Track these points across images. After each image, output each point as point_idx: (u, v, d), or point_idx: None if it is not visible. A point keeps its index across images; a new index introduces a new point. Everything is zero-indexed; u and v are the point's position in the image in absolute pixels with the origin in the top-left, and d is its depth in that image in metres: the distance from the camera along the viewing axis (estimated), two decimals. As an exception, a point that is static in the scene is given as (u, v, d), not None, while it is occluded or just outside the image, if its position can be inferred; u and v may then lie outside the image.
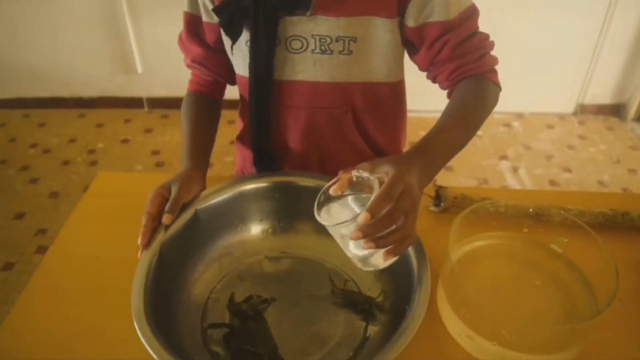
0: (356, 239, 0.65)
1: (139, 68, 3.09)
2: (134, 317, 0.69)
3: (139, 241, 0.80)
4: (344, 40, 0.93)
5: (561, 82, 3.05)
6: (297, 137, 1.07)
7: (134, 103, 3.24)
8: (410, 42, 0.96)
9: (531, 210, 0.89)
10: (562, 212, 0.88)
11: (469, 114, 0.89)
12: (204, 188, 0.93)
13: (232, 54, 1.01)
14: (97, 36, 3.00)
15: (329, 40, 0.93)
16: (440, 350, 0.78)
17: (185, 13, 1.03)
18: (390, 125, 1.12)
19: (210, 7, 0.97)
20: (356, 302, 0.84)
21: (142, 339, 0.67)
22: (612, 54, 2.93)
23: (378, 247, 0.66)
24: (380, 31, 0.93)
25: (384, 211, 0.65)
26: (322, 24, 0.91)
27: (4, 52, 3.08)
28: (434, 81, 1.00)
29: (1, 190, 2.64)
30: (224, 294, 0.87)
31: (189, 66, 1.11)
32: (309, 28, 0.92)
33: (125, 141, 3.00)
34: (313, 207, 0.80)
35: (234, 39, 0.95)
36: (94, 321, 0.84)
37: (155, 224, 0.83)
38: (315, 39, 0.93)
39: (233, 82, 1.11)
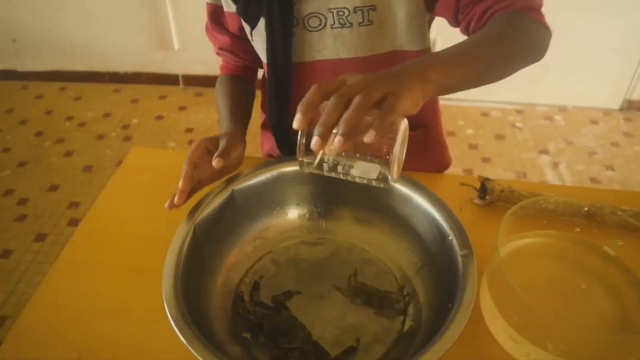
0: (318, 146, 0.57)
1: (176, 44, 3.07)
2: (164, 300, 0.67)
3: (180, 184, 0.78)
4: (363, 11, 0.88)
5: (608, 76, 2.92)
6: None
7: (169, 79, 3.23)
8: None
9: (586, 209, 0.84)
10: (619, 212, 0.82)
11: (487, 40, 0.75)
12: (244, 149, 0.92)
13: (252, 39, 0.99)
14: (134, 11, 2.99)
15: (346, 12, 0.89)
16: (478, 351, 0.74)
17: (208, 4, 1.03)
18: None
19: None
20: (371, 297, 0.81)
21: (172, 324, 0.64)
22: (664, 49, 2.79)
23: (347, 131, 0.55)
24: None
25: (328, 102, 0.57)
26: None
27: (42, 25, 3.09)
28: (466, 32, 0.87)
29: (36, 161, 2.67)
30: (257, 278, 0.84)
31: (218, 54, 1.12)
32: (325, 2, 0.89)
33: (159, 117, 3.00)
34: (354, 193, 0.76)
35: (252, 24, 0.94)
36: (123, 300, 0.82)
37: (194, 173, 0.80)
38: (332, 12, 0.89)
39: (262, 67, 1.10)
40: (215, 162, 0.80)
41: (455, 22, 0.89)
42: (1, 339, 0.77)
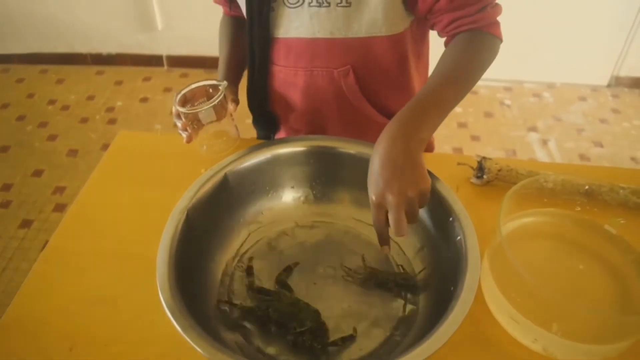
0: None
1: (159, 24, 3.00)
2: (159, 288, 0.65)
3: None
4: None
5: (596, 52, 2.92)
6: (297, 99, 1.03)
7: (153, 61, 3.16)
8: None
9: (587, 187, 0.82)
10: (620, 190, 0.81)
11: (460, 71, 0.86)
12: (236, 99, 0.95)
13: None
14: (117, -10, 2.92)
15: None
16: (480, 333, 0.73)
17: None
18: (398, 86, 1.03)
19: None
20: (384, 282, 0.79)
21: (168, 313, 0.62)
22: (652, 24, 2.78)
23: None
24: None
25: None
26: None
27: (22, 6, 3.01)
28: (431, 28, 0.96)
29: (20, 146, 2.61)
30: (253, 263, 0.82)
31: (215, 1, 1.09)
32: None
33: (144, 100, 2.94)
34: (351, 175, 0.75)
35: None
36: (115, 288, 0.80)
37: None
38: None
39: None
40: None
41: (423, 17, 0.92)
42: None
